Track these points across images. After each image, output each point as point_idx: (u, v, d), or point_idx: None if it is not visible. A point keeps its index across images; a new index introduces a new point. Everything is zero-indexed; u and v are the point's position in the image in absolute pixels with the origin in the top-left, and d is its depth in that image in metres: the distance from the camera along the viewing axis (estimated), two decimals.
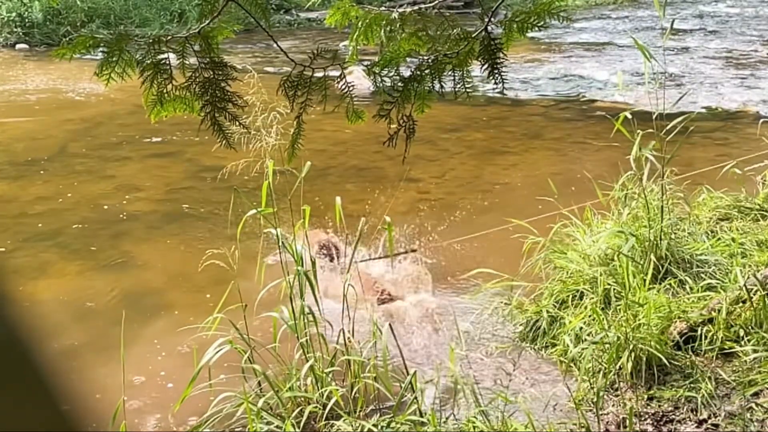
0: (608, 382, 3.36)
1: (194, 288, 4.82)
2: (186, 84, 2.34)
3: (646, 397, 3.28)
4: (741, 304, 3.54)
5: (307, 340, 3.36)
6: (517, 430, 3.04)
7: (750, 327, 3.46)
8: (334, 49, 2.48)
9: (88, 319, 4.49)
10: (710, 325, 3.53)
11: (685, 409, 3.19)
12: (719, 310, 3.53)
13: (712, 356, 3.44)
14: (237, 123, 2.48)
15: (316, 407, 3.21)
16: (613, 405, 3.29)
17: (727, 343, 3.45)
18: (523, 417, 3.05)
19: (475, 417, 3.09)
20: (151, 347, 4.15)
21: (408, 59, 2.33)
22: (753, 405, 3.12)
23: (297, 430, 3.09)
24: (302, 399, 3.26)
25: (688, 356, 3.45)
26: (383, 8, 2.50)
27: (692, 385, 3.28)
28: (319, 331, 3.39)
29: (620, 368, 3.38)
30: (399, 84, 2.30)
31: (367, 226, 3.49)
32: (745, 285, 3.51)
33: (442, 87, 2.32)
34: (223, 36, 2.36)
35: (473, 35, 2.24)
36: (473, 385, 3.18)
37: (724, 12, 17.37)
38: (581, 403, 3.22)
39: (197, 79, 2.33)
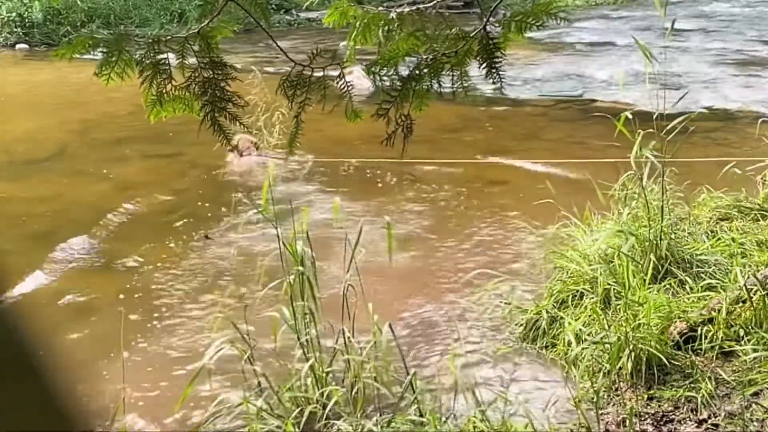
0: (608, 382, 3.36)
1: (194, 288, 4.82)
2: (186, 84, 2.35)
3: (646, 396, 3.28)
4: (741, 304, 3.54)
5: (307, 340, 3.36)
6: (517, 430, 3.04)
7: (750, 327, 3.46)
8: (333, 48, 2.49)
9: (88, 319, 4.49)
10: (710, 325, 3.52)
11: (685, 409, 3.19)
12: (719, 310, 3.53)
13: (712, 356, 3.44)
14: (238, 123, 2.49)
15: (316, 407, 3.21)
16: (613, 405, 3.29)
17: (727, 342, 3.44)
18: (523, 417, 3.05)
19: (475, 417, 3.09)
20: (151, 347, 4.15)
21: (407, 59, 2.33)
22: (753, 405, 3.12)
23: (297, 430, 3.09)
24: (302, 399, 3.26)
25: (688, 356, 3.45)
26: (381, 8, 2.49)
27: (692, 384, 3.28)
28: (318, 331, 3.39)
29: (620, 368, 3.38)
30: (398, 83, 2.31)
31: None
32: (745, 285, 3.51)
33: (440, 86, 2.33)
34: (222, 36, 2.37)
35: (472, 35, 2.24)
36: (473, 385, 3.18)
37: (725, 12, 17.34)
38: (581, 403, 3.21)
39: (197, 79, 2.34)
